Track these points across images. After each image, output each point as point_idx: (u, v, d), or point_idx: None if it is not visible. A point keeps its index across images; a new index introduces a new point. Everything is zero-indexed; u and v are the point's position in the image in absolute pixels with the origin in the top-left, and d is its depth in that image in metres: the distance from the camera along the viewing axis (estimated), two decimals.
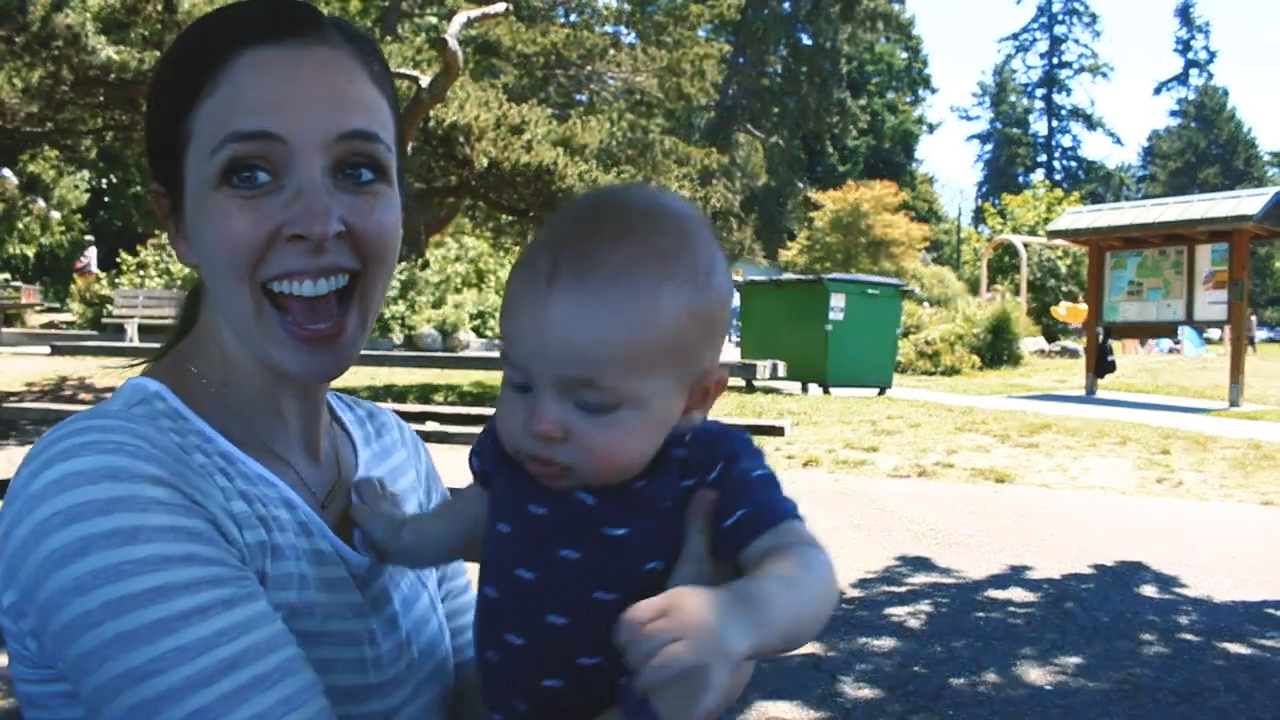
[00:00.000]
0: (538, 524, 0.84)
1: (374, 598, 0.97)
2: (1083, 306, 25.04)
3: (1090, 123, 78.05)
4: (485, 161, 13.44)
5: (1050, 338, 26.44)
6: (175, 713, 0.74)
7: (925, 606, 4.86)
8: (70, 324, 25.31)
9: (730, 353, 15.03)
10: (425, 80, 11.18)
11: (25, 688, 0.86)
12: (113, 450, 0.81)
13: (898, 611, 4.77)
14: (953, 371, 18.83)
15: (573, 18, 20.72)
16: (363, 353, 1.02)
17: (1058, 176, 73.30)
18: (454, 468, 1.10)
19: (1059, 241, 20.27)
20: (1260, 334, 32.01)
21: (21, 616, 0.81)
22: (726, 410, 11.03)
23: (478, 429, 0.99)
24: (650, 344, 0.78)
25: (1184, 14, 79.10)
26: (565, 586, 0.82)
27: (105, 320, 20.10)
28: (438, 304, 18.84)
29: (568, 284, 0.77)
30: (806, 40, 48.33)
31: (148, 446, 0.83)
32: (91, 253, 24.91)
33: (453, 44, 10.74)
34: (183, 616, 0.77)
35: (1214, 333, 27.02)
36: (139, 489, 0.80)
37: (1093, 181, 72.70)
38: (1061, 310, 25.82)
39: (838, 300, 13.91)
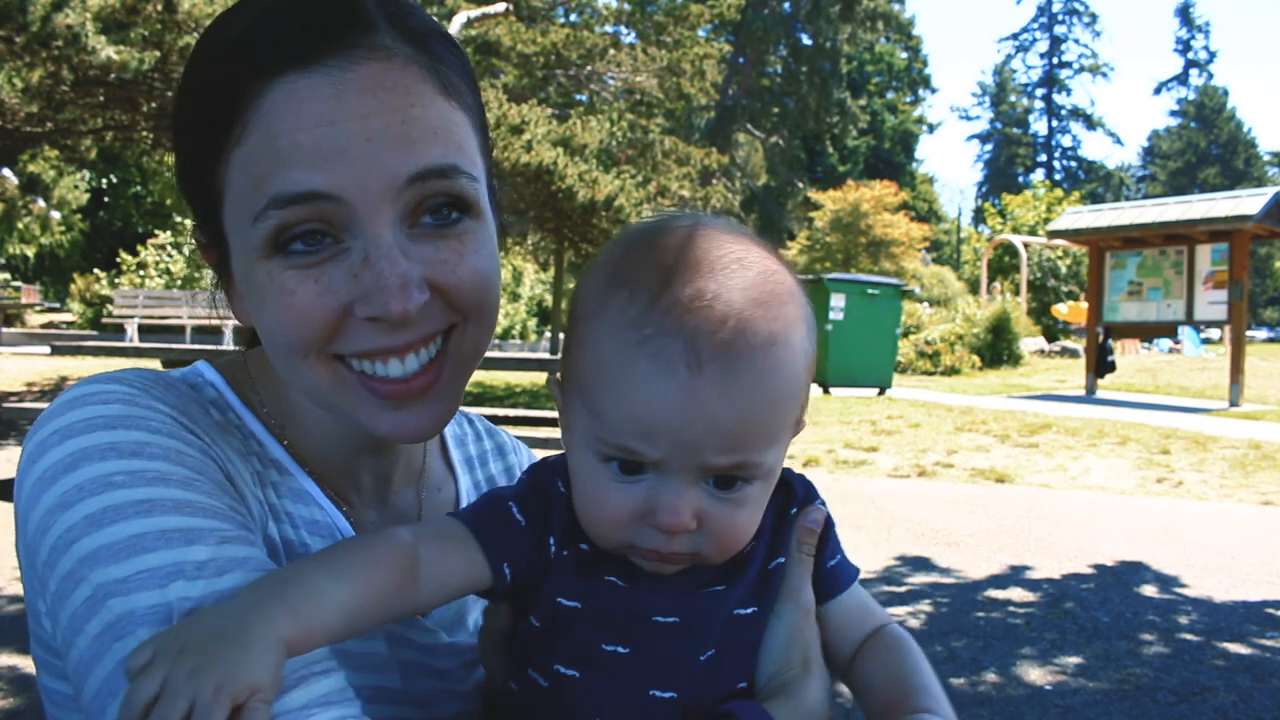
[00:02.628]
0: (672, 629, 0.77)
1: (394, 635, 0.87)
2: (1084, 305, 25.04)
3: (1090, 123, 78.07)
4: None
5: (1050, 338, 26.43)
6: (137, 636, 0.66)
7: (925, 606, 4.86)
8: (70, 324, 25.36)
9: None
10: None
11: (47, 681, 0.82)
12: (131, 391, 0.78)
13: (898, 611, 4.77)
14: (953, 371, 18.83)
15: (573, 18, 20.72)
16: None
17: (1058, 176, 73.39)
18: None
19: (1059, 241, 20.26)
20: (1260, 334, 31.95)
21: (33, 575, 0.74)
22: None
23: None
24: (794, 408, 0.76)
25: (1184, 14, 79.12)
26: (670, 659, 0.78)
27: (105, 320, 20.12)
28: None
29: (715, 370, 0.69)
30: (806, 40, 48.32)
31: (171, 403, 0.78)
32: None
33: None
34: (163, 535, 0.69)
35: (1213, 333, 27.05)
36: (152, 415, 0.76)
37: (1093, 181, 72.72)
38: (1063, 309, 25.79)
39: (838, 300, 13.92)
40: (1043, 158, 78.50)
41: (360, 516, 0.90)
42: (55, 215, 23.55)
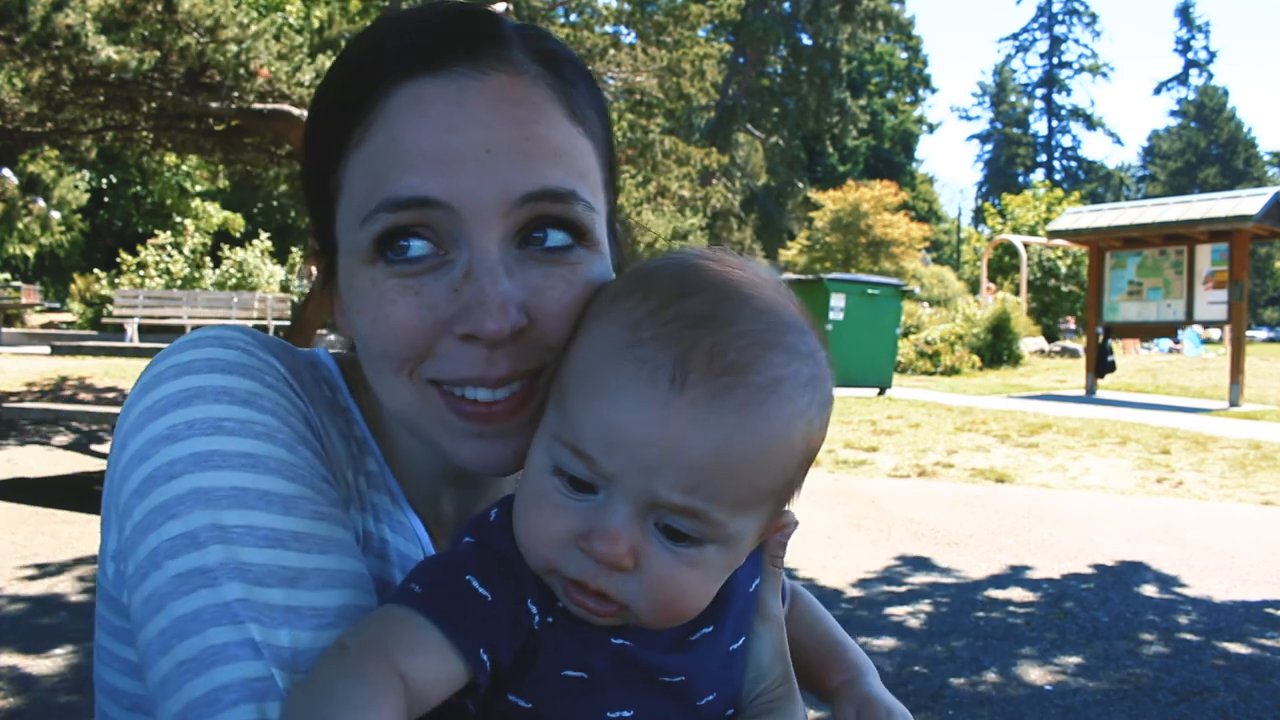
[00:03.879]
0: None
1: None
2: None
3: (1090, 123, 78.09)
4: None
5: (1050, 338, 26.44)
6: (226, 593, 0.66)
7: (925, 606, 4.86)
8: (70, 324, 25.36)
9: None
10: None
11: (104, 673, 0.81)
12: (252, 342, 0.77)
13: (897, 611, 4.77)
14: (953, 371, 18.84)
15: (573, 18, 20.70)
16: None
17: (1058, 176, 73.41)
18: None
19: (1059, 241, 20.25)
20: (1260, 334, 31.95)
21: (113, 504, 0.73)
22: None
23: None
24: (774, 478, 0.67)
25: (1184, 14, 79.14)
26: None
27: (105, 320, 20.12)
28: None
29: (699, 394, 0.62)
30: (806, 40, 48.32)
31: (287, 363, 0.78)
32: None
33: None
34: (264, 496, 0.69)
35: (1213, 333, 27.02)
36: (267, 369, 0.76)
37: (1093, 181, 72.75)
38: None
39: (838, 300, 13.92)
40: (1043, 158, 78.53)
41: (439, 544, 0.86)
42: (55, 215, 23.55)
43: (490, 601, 0.66)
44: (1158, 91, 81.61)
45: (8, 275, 29.42)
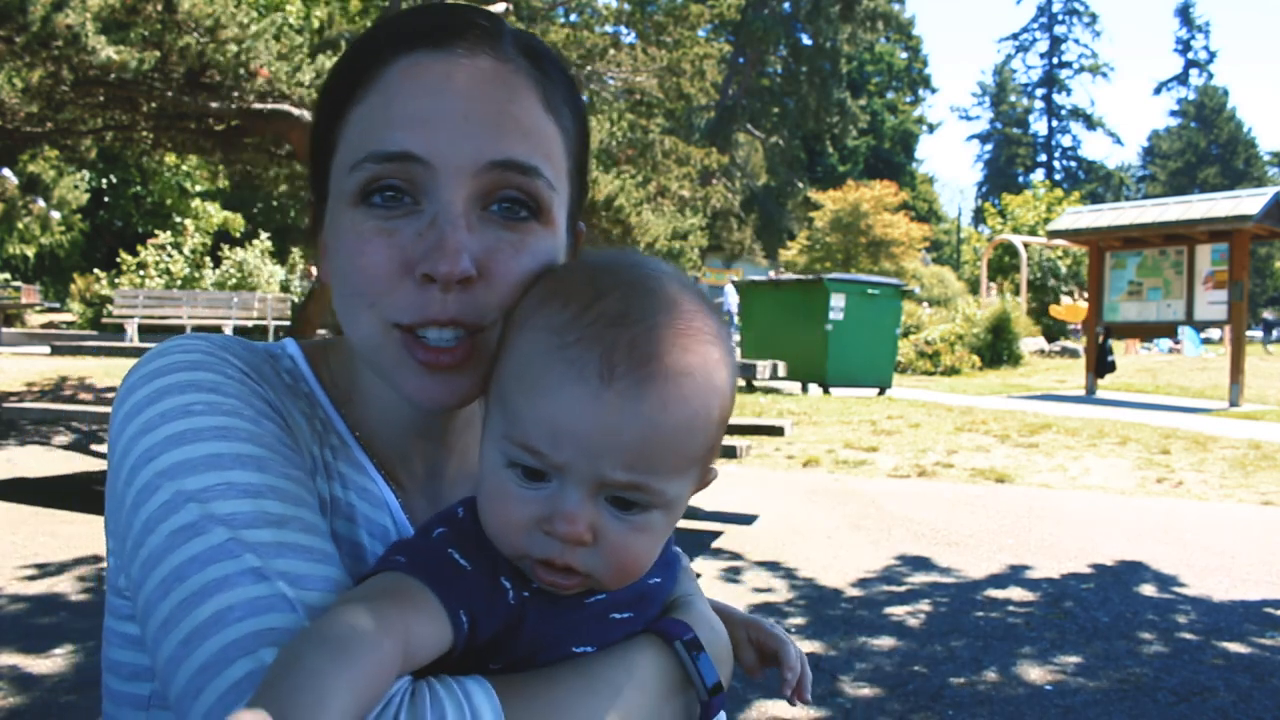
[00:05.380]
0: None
1: None
2: (1082, 304, 24.97)
3: (1090, 123, 78.09)
4: None
5: (1050, 338, 26.45)
6: (212, 538, 0.72)
7: (925, 606, 4.86)
8: (70, 324, 25.36)
9: None
10: None
11: (108, 650, 0.85)
12: (212, 345, 0.86)
13: (897, 611, 4.77)
14: (953, 371, 18.84)
15: (573, 18, 20.70)
16: None
17: (1058, 176, 73.41)
18: None
19: (1059, 241, 20.27)
20: (1260, 334, 31.93)
21: (115, 503, 0.79)
22: None
23: None
24: (699, 446, 0.75)
25: (1184, 14, 79.13)
26: None
27: (105, 320, 20.13)
28: None
29: (625, 385, 0.71)
30: (806, 40, 48.32)
31: (245, 360, 0.86)
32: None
33: None
34: (238, 458, 0.76)
35: (1213, 333, 27.03)
36: (228, 365, 0.84)
37: (1093, 181, 72.74)
38: (1060, 307, 25.74)
39: (838, 300, 13.92)
40: (1043, 158, 78.53)
41: (411, 501, 0.93)
42: (55, 215, 23.53)
43: (470, 571, 0.74)
44: (1158, 91, 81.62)
45: (8, 275, 29.43)
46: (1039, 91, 78.82)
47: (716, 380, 0.76)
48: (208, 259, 24.46)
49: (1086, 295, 16.79)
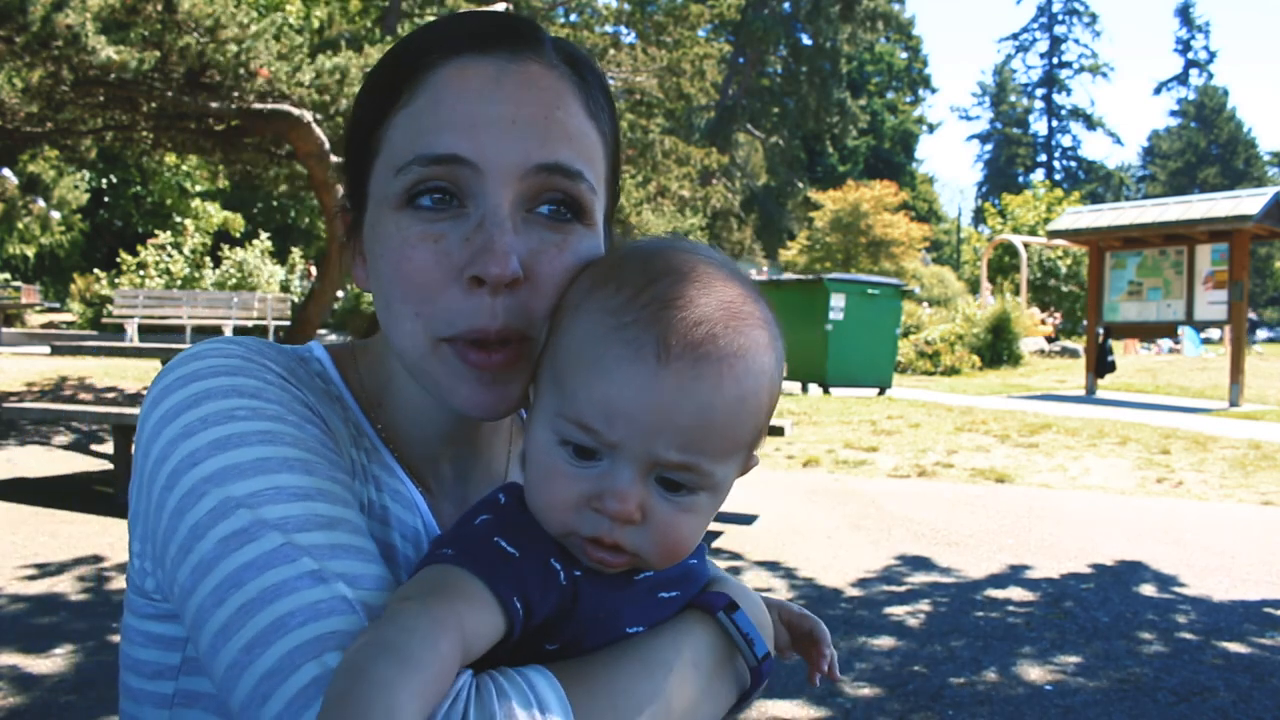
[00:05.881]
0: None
1: None
2: (1046, 324, 24.73)
3: (1090, 123, 78.07)
4: None
5: (1050, 338, 26.41)
6: (265, 544, 0.71)
7: (925, 606, 4.86)
8: (70, 324, 25.35)
9: None
10: None
11: (129, 649, 0.85)
12: (247, 349, 0.85)
13: (897, 611, 4.77)
14: (953, 371, 18.83)
15: (573, 18, 20.69)
16: None
17: (1058, 176, 73.41)
18: None
19: (1059, 241, 20.25)
20: (1260, 334, 31.94)
21: (144, 506, 0.78)
22: None
23: None
24: (748, 429, 0.77)
25: (1184, 14, 79.13)
26: None
27: (105, 320, 20.10)
28: None
29: (681, 365, 0.72)
30: (806, 40, 48.31)
31: (281, 364, 0.86)
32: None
33: None
34: (285, 461, 0.75)
35: (1212, 333, 27.01)
36: (266, 370, 0.83)
37: (1093, 181, 72.73)
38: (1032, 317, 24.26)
39: (838, 300, 13.91)
40: (1043, 158, 78.51)
41: (439, 505, 0.93)
42: (55, 215, 23.55)
43: (519, 558, 0.74)
44: (1158, 91, 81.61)
45: (8, 275, 29.42)
46: (1039, 91, 78.80)
47: (765, 363, 0.77)
48: (208, 259, 24.44)
49: (1060, 311, 16.75)
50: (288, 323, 19.04)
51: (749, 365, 0.75)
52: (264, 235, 24.88)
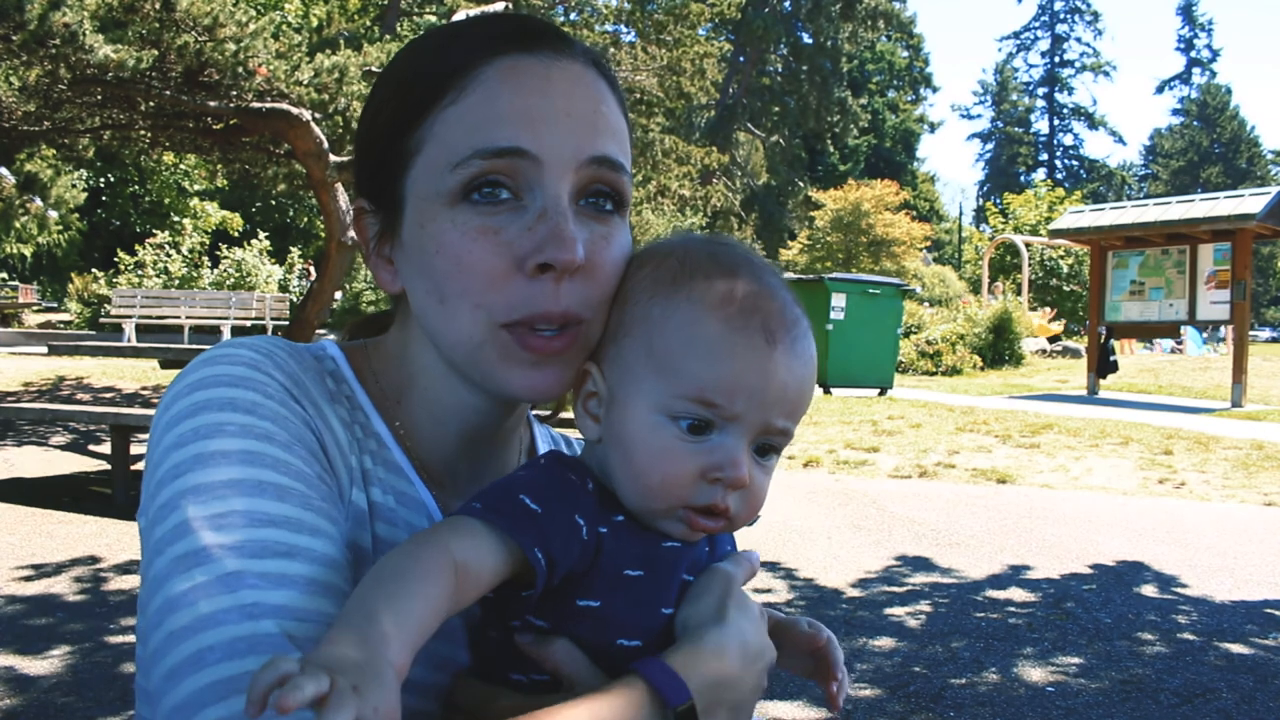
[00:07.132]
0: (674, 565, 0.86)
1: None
2: (1054, 325, 24.67)
3: (1092, 121, 78.05)
4: None
5: (1057, 336, 26.37)
6: (212, 568, 0.72)
7: (925, 606, 4.83)
8: (68, 323, 25.33)
9: None
10: None
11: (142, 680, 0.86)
12: (257, 357, 0.87)
13: (898, 611, 4.74)
14: (954, 371, 18.80)
15: (573, 16, 20.67)
16: None
17: (1059, 175, 73.36)
18: None
19: (1061, 241, 20.24)
20: (1263, 334, 31.91)
21: (146, 505, 0.81)
22: None
23: None
24: (812, 395, 0.89)
25: (1186, 12, 79.08)
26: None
27: (103, 320, 20.10)
28: None
29: (785, 345, 0.84)
30: (807, 39, 48.31)
31: (289, 371, 0.87)
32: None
33: None
34: (259, 485, 0.76)
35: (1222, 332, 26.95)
36: (270, 382, 0.84)
37: (1095, 180, 72.74)
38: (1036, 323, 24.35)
39: (838, 300, 13.89)
40: (1044, 157, 78.49)
41: (449, 501, 0.94)
42: (53, 214, 23.49)
43: (540, 514, 0.79)
44: (1160, 90, 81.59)
45: (5, 275, 29.43)
46: (1040, 90, 78.78)
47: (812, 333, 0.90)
48: (206, 258, 24.44)
49: (1061, 314, 16.74)
50: (286, 323, 19.02)
51: (812, 342, 0.88)
52: (262, 235, 24.88)
